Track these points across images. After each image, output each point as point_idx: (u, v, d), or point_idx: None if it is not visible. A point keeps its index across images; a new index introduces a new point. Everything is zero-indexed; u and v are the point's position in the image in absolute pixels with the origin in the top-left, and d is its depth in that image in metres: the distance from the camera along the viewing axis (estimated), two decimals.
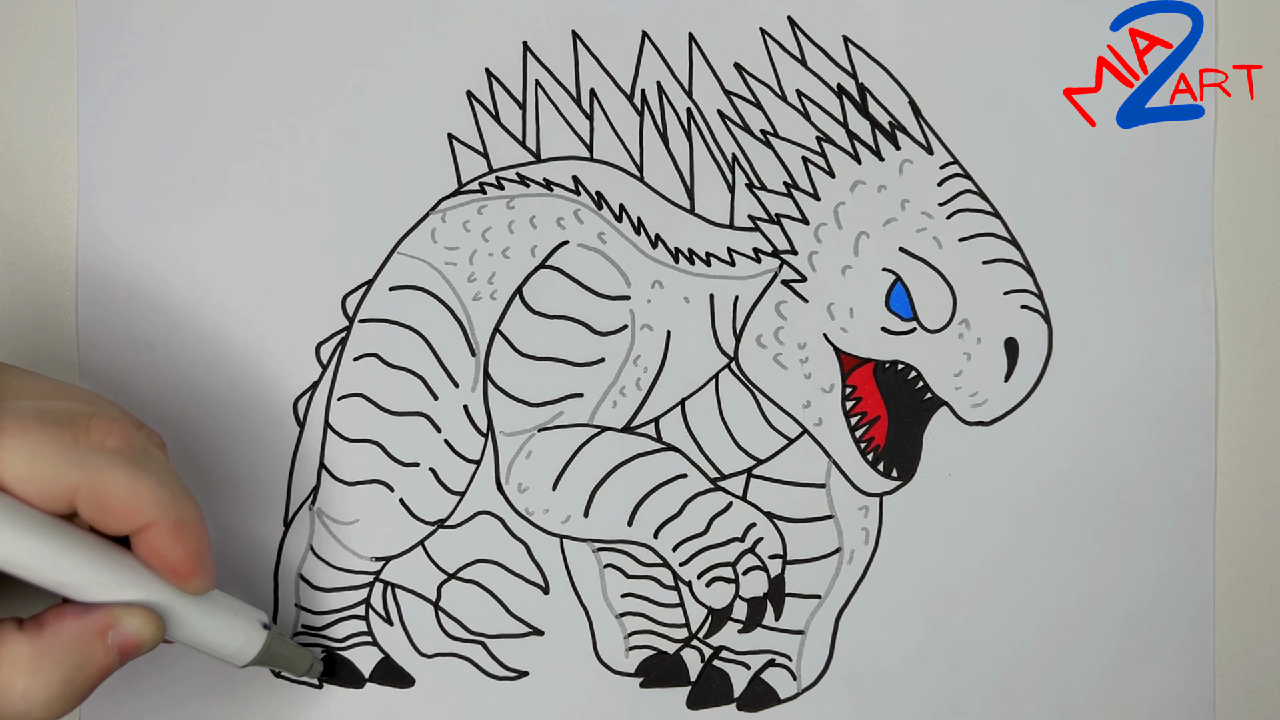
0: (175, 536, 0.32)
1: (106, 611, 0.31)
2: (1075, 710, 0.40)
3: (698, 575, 0.40)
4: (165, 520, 0.31)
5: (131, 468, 0.31)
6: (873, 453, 0.40)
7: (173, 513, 0.31)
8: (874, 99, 0.40)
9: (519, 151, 0.40)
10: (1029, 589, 0.40)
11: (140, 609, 0.32)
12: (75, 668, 0.30)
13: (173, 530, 0.32)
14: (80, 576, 0.31)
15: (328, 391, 0.40)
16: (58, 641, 0.30)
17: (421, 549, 0.40)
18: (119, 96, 0.40)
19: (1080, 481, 0.40)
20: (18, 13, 0.40)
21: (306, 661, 0.38)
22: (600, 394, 0.39)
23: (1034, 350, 0.40)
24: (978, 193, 0.40)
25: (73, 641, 0.31)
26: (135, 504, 0.31)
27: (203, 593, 0.33)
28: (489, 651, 0.40)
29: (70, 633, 0.31)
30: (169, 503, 0.31)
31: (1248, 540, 0.41)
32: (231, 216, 0.40)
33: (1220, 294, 0.40)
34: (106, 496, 0.31)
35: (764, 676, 0.40)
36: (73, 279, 0.40)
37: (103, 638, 0.31)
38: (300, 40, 0.40)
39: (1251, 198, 0.40)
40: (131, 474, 0.31)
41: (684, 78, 0.40)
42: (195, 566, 0.32)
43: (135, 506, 0.31)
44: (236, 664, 0.35)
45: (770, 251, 0.40)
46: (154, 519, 0.31)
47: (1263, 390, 0.41)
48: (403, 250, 0.40)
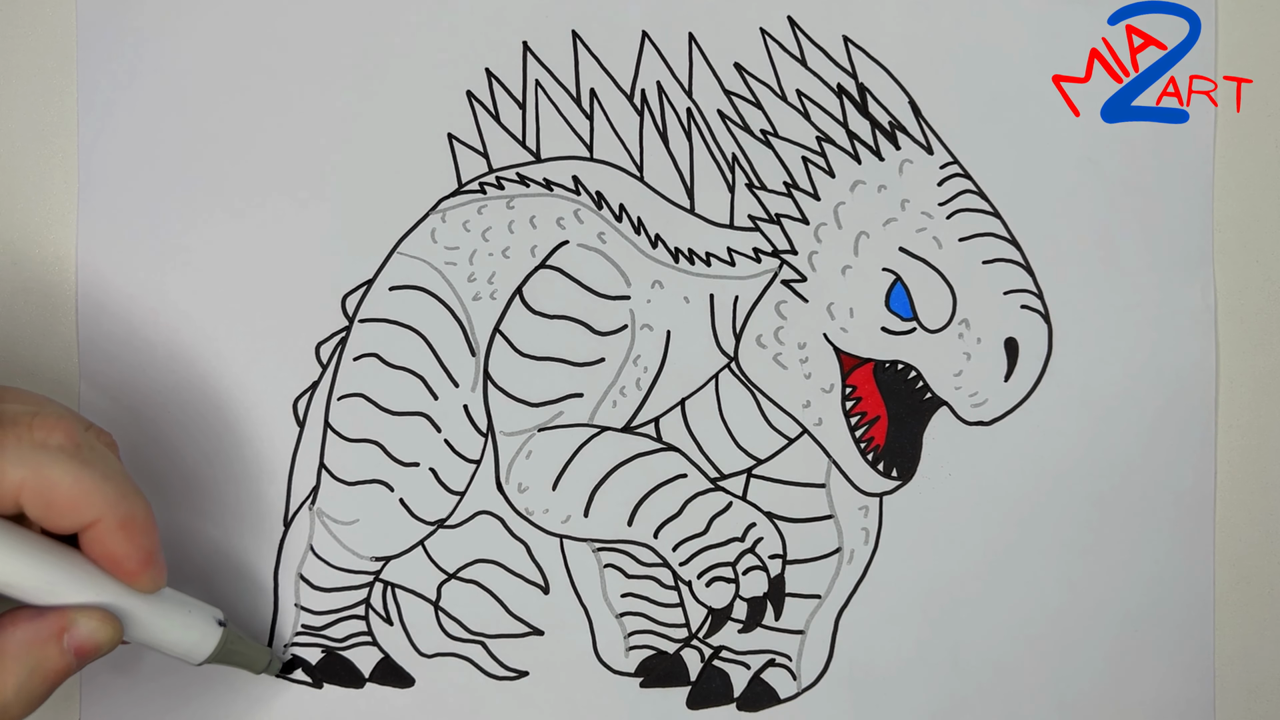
0: (123, 533, 0.31)
1: (61, 614, 0.31)
2: (1075, 710, 0.40)
3: (698, 575, 0.40)
4: (112, 516, 0.31)
5: (77, 464, 0.31)
6: (873, 453, 0.40)
7: (120, 509, 0.31)
8: (874, 99, 0.40)
9: (519, 151, 0.40)
10: (1029, 589, 0.40)
11: (96, 610, 0.32)
12: (30, 671, 0.30)
13: (120, 526, 0.31)
14: (30, 578, 0.31)
15: (328, 391, 0.40)
16: (11, 645, 0.30)
17: (421, 549, 0.40)
18: (119, 97, 0.40)
19: (1080, 481, 0.40)
20: (18, 13, 0.40)
21: (264, 659, 0.38)
22: (600, 394, 0.39)
23: (1034, 350, 0.40)
24: (978, 192, 0.40)
25: (27, 645, 0.31)
26: (81, 500, 0.31)
27: (154, 590, 0.33)
28: (489, 651, 0.40)
29: (24, 636, 0.31)
30: (116, 499, 0.31)
31: (1248, 540, 0.41)
32: (231, 216, 0.40)
33: (1220, 294, 0.40)
34: (52, 493, 0.30)
35: (764, 676, 0.40)
36: (73, 279, 0.40)
37: (58, 640, 0.31)
38: (300, 39, 0.40)
39: (1252, 198, 0.40)
40: (76, 470, 0.31)
41: (684, 78, 0.40)
42: (144, 564, 0.32)
43: (81, 502, 0.31)
44: (192, 662, 0.35)
45: (770, 251, 0.40)
46: (100, 515, 0.31)
47: (1263, 390, 0.41)
48: (403, 250, 0.40)
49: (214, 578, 0.40)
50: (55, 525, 0.31)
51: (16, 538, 0.31)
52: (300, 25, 0.40)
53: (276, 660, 0.39)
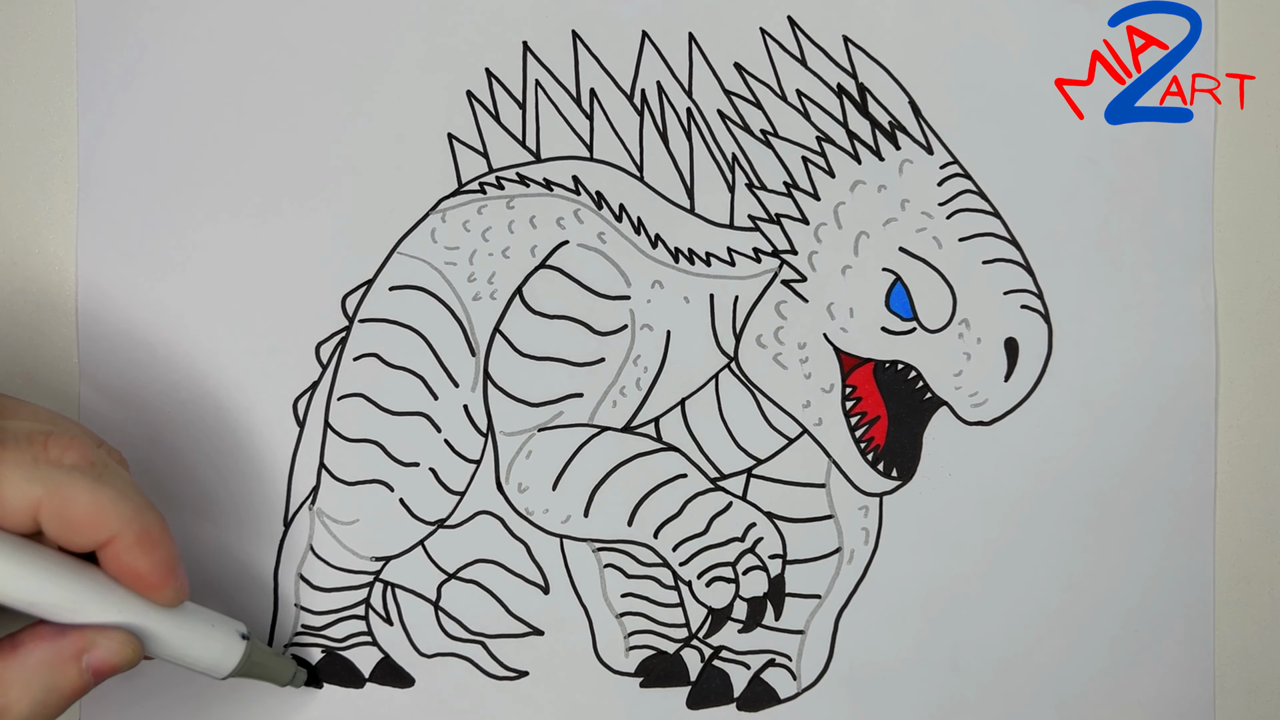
0: (141, 548, 0.31)
1: (82, 634, 0.31)
2: (1075, 710, 0.40)
3: (698, 575, 0.40)
4: (129, 532, 0.31)
5: (92, 481, 0.31)
6: (873, 453, 0.40)
7: (136, 524, 0.31)
8: (874, 99, 0.40)
9: (519, 151, 0.40)
10: (1029, 589, 0.40)
11: (117, 631, 0.32)
12: (47, 690, 0.30)
13: (138, 542, 0.31)
14: (52, 595, 0.31)
15: (328, 391, 0.40)
16: (31, 663, 0.30)
17: (421, 549, 0.40)
18: (119, 97, 0.40)
19: (1080, 481, 0.40)
20: (18, 13, 0.40)
21: (288, 672, 0.37)
22: (600, 394, 0.39)
23: (1034, 350, 0.40)
24: (978, 192, 0.40)
25: (46, 664, 0.31)
26: (98, 517, 0.31)
27: (176, 604, 0.33)
28: (489, 651, 0.40)
29: (44, 655, 0.31)
30: (132, 514, 0.31)
31: (1248, 540, 0.41)
32: (231, 216, 0.40)
33: (1220, 294, 0.40)
34: (69, 511, 0.30)
35: (764, 676, 0.40)
36: (73, 279, 0.40)
37: (77, 660, 0.31)
38: (300, 39, 0.40)
39: (1252, 198, 0.40)
40: (93, 487, 0.31)
41: (684, 78, 0.40)
42: (164, 577, 0.32)
43: (98, 519, 0.31)
44: (216, 676, 0.35)
45: (770, 251, 0.40)
46: (118, 531, 0.31)
47: (1263, 390, 0.41)
48: (403, 250, 0.40)
49: (214, 578, 0.40)
50: (73, 543, 0.31)
51: (37, 556, 0.31)
52: (300, 26, 0.40)
53: (301, 672, 0.38)
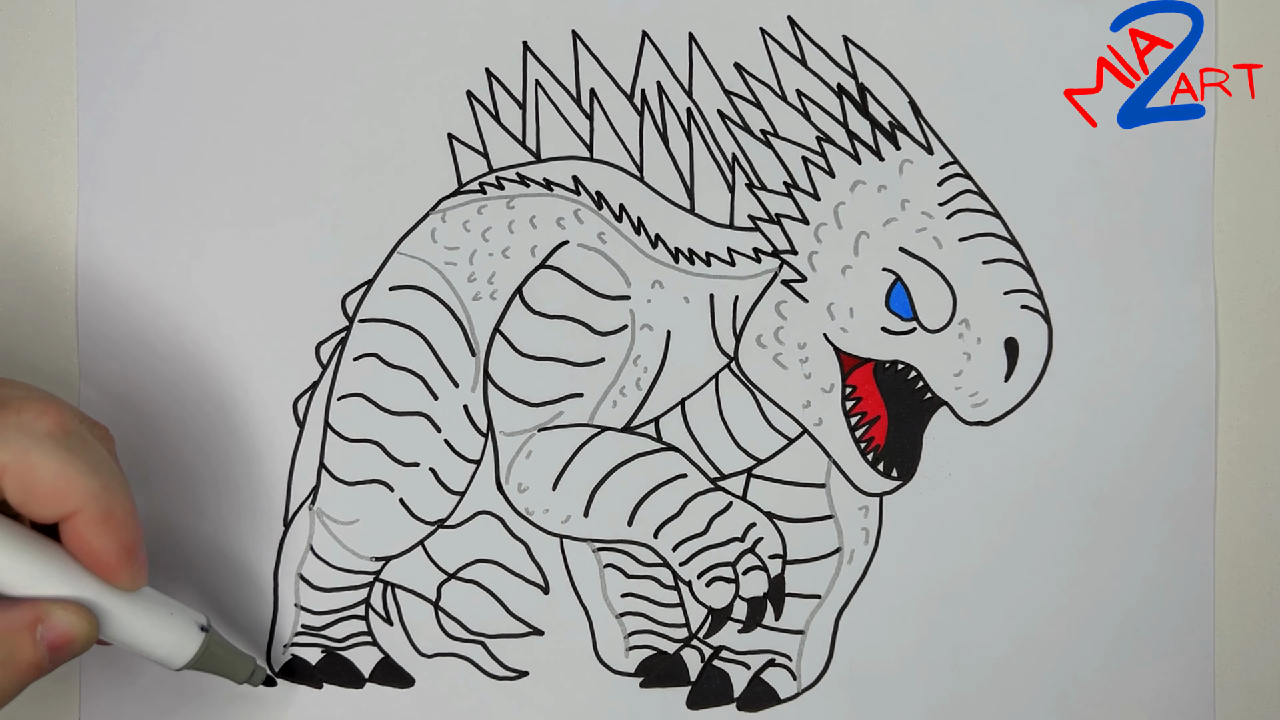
0: (103, 526, 0.31)
1: (35, 605, 0.30)
2: (1075, 710, 0.40)
3: (698, 575, 0.40)
4: (93, 509, 0.30)
5: (62, 451, 0.30)
6: (873, 453, 0.40)
7: (101, 502, 0.30)
8: (874, 99, 0.40)
9: (519, 151, 0.40)
10: (1029, 589, 0.40)
11: (72, 604, 0.31)
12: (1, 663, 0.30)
13: (100, 520, 0.31)
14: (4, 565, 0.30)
15: (327, 391, 0.40)
16: None
17: (421, 549, 0.40)
18: (119, 97, 0.40)
19: (1080, 481, 0.40)
20: (18, 13, 0.40)
21: (247, 668, 0.36)
22: (600, 394, 0.39)
23: (1034, 350, 0.40)
24: (978, 193, 0.40)
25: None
26: (62, 488, 0.30)
27: (133, 588, 0.32)
28: (489, 651, 0.40)
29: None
30: (99, 491, 0.30)
31: (1248, 540, 0.41)
32: (231, 216, 0.40)
33: (1220, 294, 0.40)
34: (33, 478, 0.30)
35: (764, 676, 0.40)
36: (73, 279, 0.40)
37: (31, 631, 0.30)
38: (301, 39, 0.40)
39: (1251, 198, 0.40)
40: (61, 457, 0.30)
41: (684, 78, 0.40)
42: (123, 561, 0.31)
43: (62, 491, 0.30)
44: (172, 666, 0.34)
45: (770, 251, 0.40)
46: (81, 506, 0.30)
47: (1263, 390, 0.41)
48: (403, 250, 0.40)
49: (214, 577, 0.40)
50: (35, 514, 0.30)
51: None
52: (300, 26, 0.40)
53: (260, 670, 0.37)
